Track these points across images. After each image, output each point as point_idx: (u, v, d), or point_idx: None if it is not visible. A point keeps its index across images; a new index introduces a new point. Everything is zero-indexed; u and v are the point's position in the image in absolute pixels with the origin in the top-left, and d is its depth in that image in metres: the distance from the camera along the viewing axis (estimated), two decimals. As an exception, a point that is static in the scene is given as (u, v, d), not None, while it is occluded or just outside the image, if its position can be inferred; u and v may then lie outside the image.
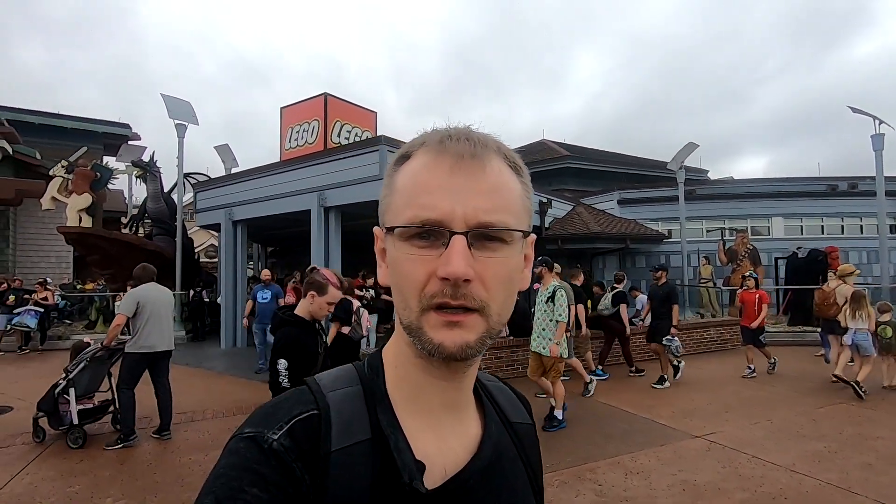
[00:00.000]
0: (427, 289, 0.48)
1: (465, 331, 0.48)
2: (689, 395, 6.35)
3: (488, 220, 0.48)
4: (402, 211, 0.50)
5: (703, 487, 3.65)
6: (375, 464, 0.49)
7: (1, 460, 4.33)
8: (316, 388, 0.53)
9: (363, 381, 0.55)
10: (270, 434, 0.48)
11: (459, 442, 0.55)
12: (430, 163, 0.50)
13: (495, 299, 0.49)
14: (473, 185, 0.48)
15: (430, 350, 0.48)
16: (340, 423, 0.50)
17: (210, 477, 0.47)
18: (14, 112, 20.80)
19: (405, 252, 0.49)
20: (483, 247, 0.48)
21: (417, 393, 0.54)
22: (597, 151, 22.19)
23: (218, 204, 10.64)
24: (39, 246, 19.93)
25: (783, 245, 13.63)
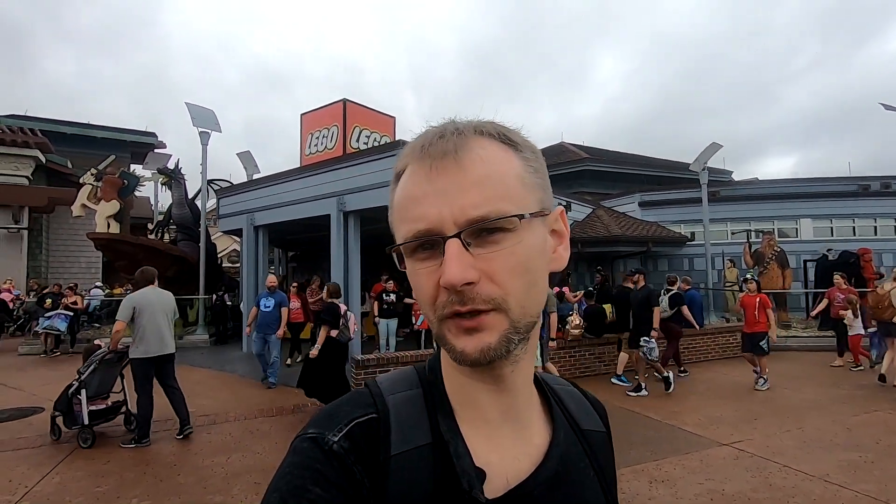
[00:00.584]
0: (438, 300, 0.47)
1: (484, 333, 0.46)
2: (716, 402, 6.18)
3: (478, 215, 0.45)
4: (399, 228, 0.49)
5: (732, 497, 3.53)
6: (436, 469, 0.48)
7: (32, 460, 4.46)
8: (377, 390, 0.53)
9: (423, 384, 0.55)
10: (331, 436, 0.48)
11: (523, 451, 0.53)
12: (412, 173, 0.49)
13: (512, 293, 0.46)
14: (455, 183, 0.46)
15: (456, 358, 0.47)
16: (400, 427, 0.50)
17: (276, 475, 0.48)
18: (46, 122, 21.59)
19: (413, 268, 0.49)
20: (484, 242, 0.46)
21: (472, 401, 0.52)
22: (617, 153, 21.91)
23: (240, 209, 10.82)
24: (70, 252, 20.60)
25: (812, 247, 13.20)
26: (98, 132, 23.44)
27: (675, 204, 14.86)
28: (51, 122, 22.03)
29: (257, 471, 4.11)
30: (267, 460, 4.36)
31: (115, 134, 23.86)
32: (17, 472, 4.16)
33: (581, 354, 7.74)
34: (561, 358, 7.59)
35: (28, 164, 17.95)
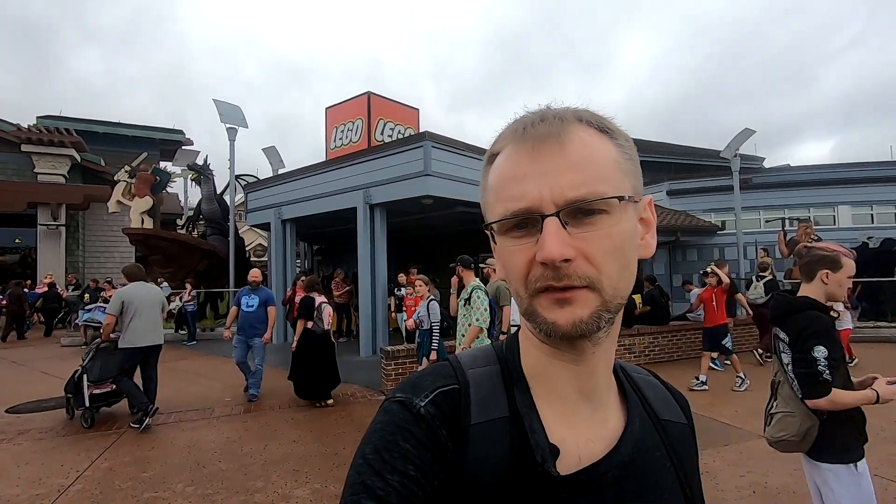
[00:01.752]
0: (531, 275, 0.48)
1: (577, 307, 0.47)
2: (752, 394, 6.04)
3: (577, 196, 0.47)
4: (494, 206, 0.51)
5: (777, 491, 3.46)
6: (513, 442, 0.50)
7: (80, 446, 4.65)
8: (457, 364, 0.56)
9: (501, 360, 0.57)
10: (418, 401, 0.51)
11: (597, 433, 0.54)
12: (513, 154, 0.50)
13: (606, 272, 0.47)
14: (556, 164, 0.47)
15: (546, 330, 0.48)
16: (479, 398, 0.52)
17: (368, 431, 0.51)
18: (79, 122, 22.26)
19: (505, 245, 0.50)
20: (581, 222, 0.47)
21: (550, 378, 0.54)
22: (642, 142, 21.42)
23: (268, 204, 11.00)
24: (105, 247, 21.29)
25: (851, 235, 12.71)
26: (129, 131, 24.07)
27: (705, 192, 14.47)
28: (84, 122, 22.73)
29: (295, 458, 4.20)
30: (303, 449, 4.45)
31: (144, 132, 24.47)
32: (67, 457, 4.35)
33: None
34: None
35: (64, 162, 18.61)
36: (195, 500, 3.50)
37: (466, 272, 4.90)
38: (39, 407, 5.98)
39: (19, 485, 3.78)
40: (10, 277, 19.62)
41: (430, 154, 7.82)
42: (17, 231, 19.85)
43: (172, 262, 11.79)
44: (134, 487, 3.70)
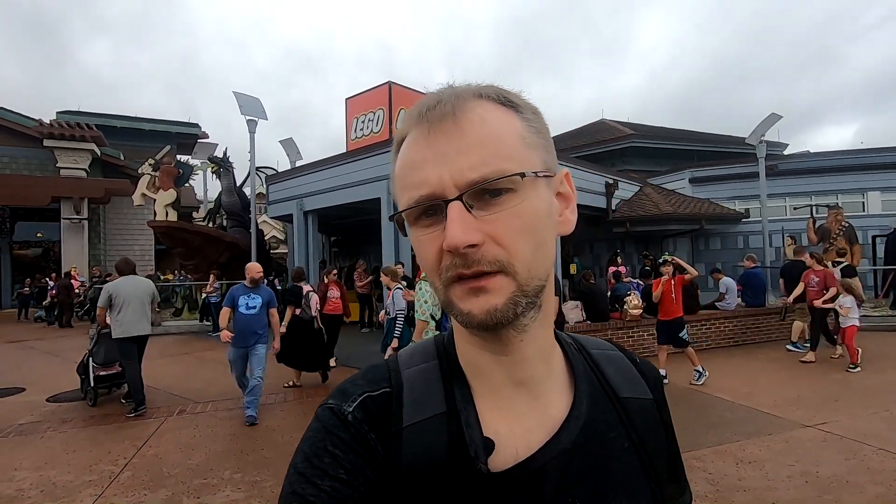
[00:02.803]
0: (442, 264, 0.46)
1: (491, 295, 0.45)
2: (790, 383, 5.95)
3: (477, 176, 0.44)
4: (400, 196, 0.49)
5: (829, 480, 3.39)
6: (451, 437, 0.48)
7: (123, 434, 4.74)
8: (394, 365, 0.55)
9: (440, 355, 0.55)
10: (346, 406, 0.50)
11: (538, 421, 0.51)
12: (412, 139, 0.48)
13: (517, 254, 0.45)
14: (454, 146, 0.45)
15: (463, 321, 0.47)
16: (412, 399, 0.51)
17: (302, 439, 0.51)
18: (98, 117, 22.51)
19: (416, 235, 0.48)
20: (487, 204, 0.44)
21: (483, 371, 0.52)
22: (663, 129, 21.06)
23: (289, 195, 11.03)
24: (125, 240, 21.61)
25: (881, 222, 12.41)
26: (146, 125, 24.32)
27: (729, 179, 14.19)
28: (102, 117, 22.98)
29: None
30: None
31: (161, 126, 24.70)
32: (114, 445, 4.43)
33: (639, 334, 7.59)
34: (619, 338, 7.46)
35: (85, 157, 18.84)
36: (244, 486, 3.54)
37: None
38: (79, 396, 6.10)
39: (71, 471, 3.86)
40: (35, 271, 20.06)
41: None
42: (38, 225, 20.21)
43: (196, 254, 11.92)
44: (182, 474, 3.76)
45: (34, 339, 11.28)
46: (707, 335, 8.15)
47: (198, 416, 5.24)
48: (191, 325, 11.94)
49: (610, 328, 7.44)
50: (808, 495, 3.19)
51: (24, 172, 18.08)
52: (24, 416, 5.35)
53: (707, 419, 4.73)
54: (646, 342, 7.64)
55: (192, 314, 12.80)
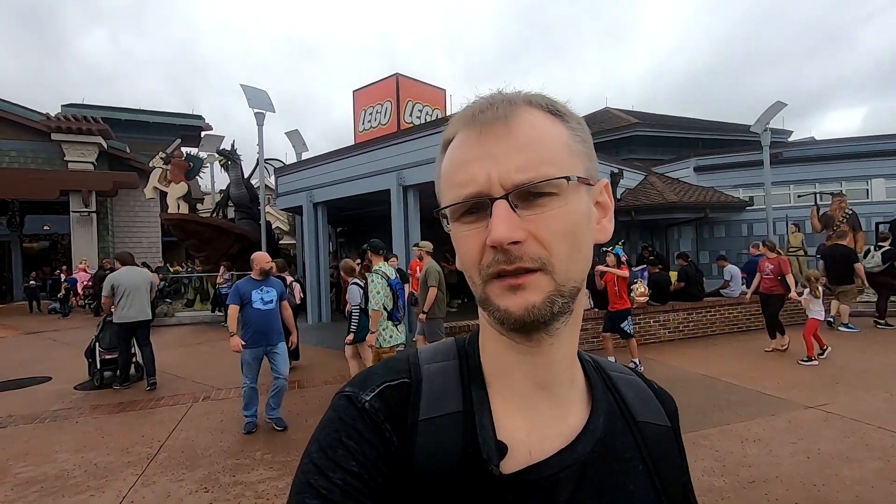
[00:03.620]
0: (483, 260, 0.47)
1: (529, 292, 0.46)
2: (792, 367, 6.13)
3: (524, 178, 0.46)
4: (446, 193, 0.50)
5: (830, 456, 3.58)
6: (465, 437, 0.49)
7: (154, 418, 4.95)
8: (414, 360, 0.56)
9: (461, 355, 0.56)
10: (363, 395, 0.51)
11: (555, 429, 0.52)
12: (462, 139, 0.50)
13: (557, 255, 0.46)
14: (504, 147, 0.47)
15: (500, 318, 0.48)
16: (431, 394, 0.52)
17: (317, 427, 0.51)
18: (103, 110, 22.61)
19: (459, 231, 0.49)
20: (531, 205, 0.47)
21: (507, 371, 0.53)
22: (668, 117, 21.05)
23: (299, 187, 11.16)
24: (133, 233, 21.81)
25: (885, 209, 12.50)
26: (150, 117, 24.41)
27: (733, 168, 14.25)
28: (106, 110, 23.08)
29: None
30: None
31: (166, 118, 24.79)
32: (146, 429, 4.65)
33: (646, 321, 7.76)
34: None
35: (92, 150, 18.98)
36: (276, 466, 3.75)
37: (375, 257, 5.09)
38: (106, 384, 6.32)
39: (110, 453, 4.07)
40: (43, 264, 20.32)
41: (464, 135, 7.88)
42: (45, 218, 20.39)
43: (207, 245, 12.11)
44: (215, 455, 3.97)
45: (51, 329, 11.52)
46: (712, 321, 8.33)
47: (222, 402, 5.45)
48: (203, 316, 12.16)
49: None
50: (809, 470, 3.38)
51: (31, 166, 18.23)
52: (55, 403, 5.57)
53: (713, 401, 4.91)
54: (652, 329, 7.82)
55: (204, 305, 13.03)
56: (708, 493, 3.13)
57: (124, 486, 3.47)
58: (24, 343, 9.83)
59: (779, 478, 3.28)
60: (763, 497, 3.04)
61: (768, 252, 7.02)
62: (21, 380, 6.68)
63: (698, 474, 3.36)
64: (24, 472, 3.74)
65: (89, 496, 3.36)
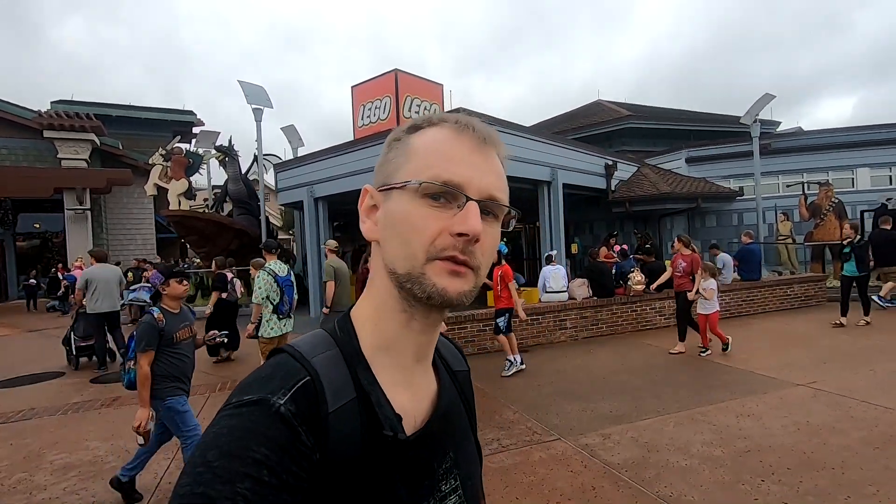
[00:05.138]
0: (437, 242, 0.53)
1: (464, 282, 0.54)
2: (783, 349, 6.43)
3: (496, 195, 0.56)
4: (422, 171, 0.54)
5: (818, 427, 3.85)
6: (362, 420, 0.53)
7: (175, 408, 5.13)
8: (299, 355, 0.55)
9: (339, 343, 0.58)
10: (276, 399, 0.49)
11: (425, 393, 0.62)
12: (453, 139, 0.57)
13: (484, 264, 0.56)
14: (488, 166, 0.57)
15: (432, 293, 0.53)
16: (330, 386, 0.53)
17: (208, 436, 0.47)
18: (94, 106, 22.35)
19: (421, 207, 0.54)
20: (484, 218, 0.55)
21: (394, 346, 0.59)
22: (659, 109, 21.35)
23: (299, 182, 11.28)
24: (127, 230, 21.74)
25: (870, 197, 12.89)
26: (142, 113, 24.19)
27: (724, 159, 14.58)
28: (98, 106, 22.81)
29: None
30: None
31: (157, 114, 24.57)
32: (169, 417, 4.82)
33: (642, 308, 8.04)
34: (623, 312, 7.92)
35: (86, 147, 18.85)
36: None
37: (269, 255, 5.53)
38: (119, 377, 6.47)
39: (139, 440, 4.25)
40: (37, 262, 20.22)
41: (464, 129, 8.06)
42: (37, 216, 20.25)
43: (208, 241, 12.20)
44: (241, 440, 4.16)
45: (52, 327, 11.58)
46: (705, 308, 8.62)
47: (238, 391, 5.63)
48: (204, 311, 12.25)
49: (615, 303, 7.89)
50: (799, 440, 3.65)
51: (23, 164, 18.07)
52: (74, 396, 5.73)
53: (708, 381, 5.20)
54: (648, 315, 8.11)
55: (205, 300, 13.13)
56: (707, 461, 3.39)
57: (160, 469, 3.67)
58: (29, 340, 9.92)
59: (771, 447, 3.55)
60: (758, 464, 3.31)
61: (683, 248, 6.65)
62: (35, 375, 6.82)
63: (698, 446, 3.63)
64: (60, 459, 3.92)
65: (127, 479, 3.54)
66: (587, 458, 3.59)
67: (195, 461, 0.45)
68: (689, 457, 3.48)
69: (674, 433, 3.91)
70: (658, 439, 3.82)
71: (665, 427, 4.05)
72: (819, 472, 3.15)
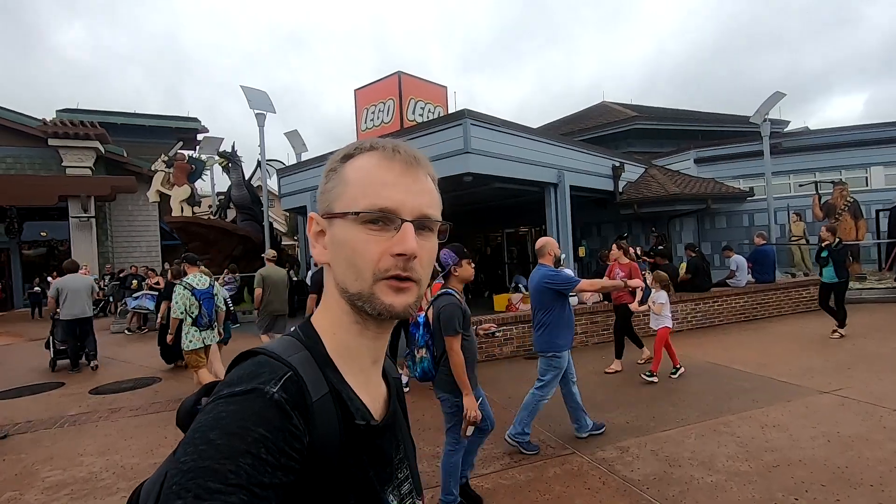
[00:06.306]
0: (381, 264, 0.59)
1: (408, 295, 0.61)
2: (802, 354, 6.19)
3: (428, 213, 0.62)
4: (359, 200, 0.60)
5: (850, 439, 3.63)
6: (337, 412, 0.59)
7: (172, 420, 4.95)
8: (275, 355, 0.59)
9: (307, 347, 0.63)
10: (269, 388, 0.53)
11: (378, 393, 0.70)
12: (384, 164, 0.62)
13: (425, 275, 0.63)
14: (418, 186, 0.63)
15: (382, 310, 0.60)
16: (308, 380, 0.58)
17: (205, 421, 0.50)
18: (98, 115, 22.44)
19: (361, 233, 0.60)
20: (420, 234, 0.61)
21: (353, 354, 0.65)
22: (666, 110, 21.11)
23: (303, 187, 11.15)
24: (132, 237, 21.73)
25: (884, 196, 12.60)
26: (146, 121, 24.26)
27: (733, 159, 14.32)
28: (102, 114, 22.89)
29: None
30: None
31: (161, 122, 24.63)
32: (167, 430, 4.67)
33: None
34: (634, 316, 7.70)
35: (90, 155, 18.89)
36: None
37: (190, 267, 5.64)
38: (119, 388, 6.34)
39: (135, 455, 4.09)
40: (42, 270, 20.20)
41: (469, 132, 7.90)
42: (43, 225, 20.27)
43: (211, 247, 12.10)
44: (241, 454, 3.99)
45: (56, 336, 11.48)
46: (719, 311, 8.40)
47: (239, 402, 5.47)
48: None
49: (625, 307, 7.66)
50: (831, 452, 3.44)
51: (28, 172, 18.13)
52: (72, 408, 5.58)
53: (727, 389, 4.97)
54: (660, 320, 7.89)
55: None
56: (735, 477, 3.18)
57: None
58: (31, 349, 9.80)
59: (802, 461, 3.33)
60: (789, 480, 3.09)
61: (621, 257, 6.10)
62: (35, 385, 6.69)
63: (723, 460, 3.42)
64: (52, 476, 3.76)
65: (121, 497, 3.38)
66: (605, 473, 3.39)
67: (196, 440, 0.48)
68: (715, 472, 3.27)
69: (696, 446, 3.70)
70: (679, 452, 3.61)
71: (686, 439, 3.84)
72: (856, 489, 2.94)
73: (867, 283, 10.19)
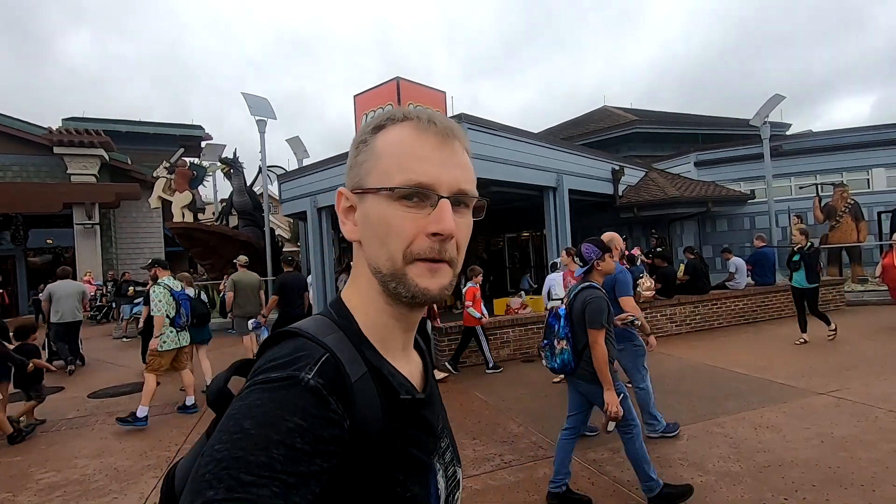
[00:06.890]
0: (414, 245, 0.57)
1: (443, 277, 0.58)
2: (801, 356, 6.15)
3: (465, 188, 0.59)
4: (393, 174, 0.57)
5: (844, 440, 3.60)
6: (378, 390, 0.57)
7: (170, 424, 5.01)
8: (311, 336, 0.57)
9: (340, 327, 0.61)
10: (304, 374, 0.51)
11: (415, 363, 0.70)
12: (418, 137, 0.59)
13: (460, 255, 0.60)
14: (454, 160, 0.59)
15: (416, 293, 0.58)
16: (346, 360, 0.56)
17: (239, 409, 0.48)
18: (102, 122, 22.68)
19: (397, 210, 0.57)
20: (456, 211, 0.58)
21: (387, 335, 0.63)
22: (666, 114, 21.08)
23: (303, 193, 11.21)
24: (135, 244, 21.86)
25: (886, 198, 12.53)
26: (150, 128, 24.49)
27: (734, 162, 14.28)
28: (107, 122, 23.14)
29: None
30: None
31: (165, 129, 24.86)
32: (162, 434, 4.69)
33: (653, 315, 7.79)
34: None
35: (94, 162, 19.06)
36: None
37: (162, 271, 5.70)
38: (118, 392, 6.37)
39: (129, 458, 4.11)
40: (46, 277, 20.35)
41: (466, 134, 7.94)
42: (48, 232, 20.44)
43: (213, 253, 12.16)
44: (234, 456, 4.00)
45: (59, 342, 11.55)
46: (718, 314, 8.36)
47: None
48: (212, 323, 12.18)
49: (624, 310, 7.64)
50: (824, 453, 3.41)
51: (34, 180, 18.33)
52: (70, 411, 5.62)
53: (724, 391, 4.94)
54: (658, 322, 7.85)
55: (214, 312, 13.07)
56: (725, 477, 3.16)
57: (146, 489, 3.51)
58: (34, 355, 9.87)
59: (794, 462, 3.31)
60: (780, 480, 3.07)
61: (572, 263, 4.94)
62: (34, 390, 6.72)
63: (714, 461, 3.40)
64: (46, 478, 3.78)
65: (112, 499, 3.40)
66: (595, 474, 3.37)
67: (230, 428, 0.46)
68: (705, 472, 3.25)
69: (687, 446, 3.68)
70: (670, 453, 3.59)
71: (678, 440, 3.82)
72: (847, 490, 2.91)
73: (869, 285, 10.11)
